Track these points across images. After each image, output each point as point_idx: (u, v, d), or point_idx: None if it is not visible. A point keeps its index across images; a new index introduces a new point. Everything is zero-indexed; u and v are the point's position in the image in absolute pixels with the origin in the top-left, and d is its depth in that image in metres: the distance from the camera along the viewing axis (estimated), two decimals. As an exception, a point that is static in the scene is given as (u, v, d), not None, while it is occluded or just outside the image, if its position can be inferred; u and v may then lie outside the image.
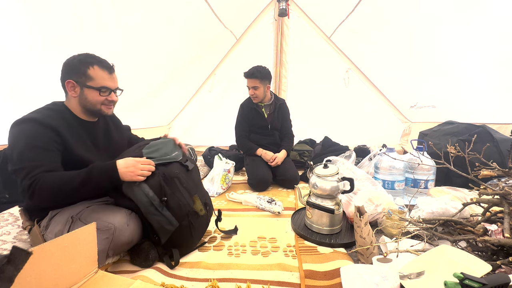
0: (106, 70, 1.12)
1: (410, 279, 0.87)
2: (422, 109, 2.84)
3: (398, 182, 1.78)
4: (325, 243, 1.27)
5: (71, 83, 1.09)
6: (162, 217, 1.08)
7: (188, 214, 1.13)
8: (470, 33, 2.09)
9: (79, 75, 1.08)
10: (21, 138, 1.00)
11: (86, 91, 1.10)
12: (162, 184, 1.09)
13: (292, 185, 2.10)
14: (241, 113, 2.35)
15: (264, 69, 2.17)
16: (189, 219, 1.13)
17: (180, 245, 1.16)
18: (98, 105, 1.13)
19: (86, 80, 1.09)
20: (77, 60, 1.09)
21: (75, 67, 1.09)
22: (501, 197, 1.04)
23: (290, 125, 2.44)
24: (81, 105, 1.13)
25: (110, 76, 1.14)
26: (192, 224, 1.14)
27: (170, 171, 1.14)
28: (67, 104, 1.15)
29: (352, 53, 2.87)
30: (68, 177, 1.00)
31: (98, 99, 1.12)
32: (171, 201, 1.09)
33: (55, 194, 0.99)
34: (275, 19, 2.83)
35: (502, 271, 0.88)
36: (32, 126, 1.01)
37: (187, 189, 1.17)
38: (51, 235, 1.06)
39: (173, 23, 2.22)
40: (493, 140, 1.82)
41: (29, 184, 0.95)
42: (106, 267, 1.09)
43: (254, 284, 0.99)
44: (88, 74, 1.09)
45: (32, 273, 0.69)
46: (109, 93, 1.14)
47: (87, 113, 1.17)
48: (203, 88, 3.20)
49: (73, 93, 1.11)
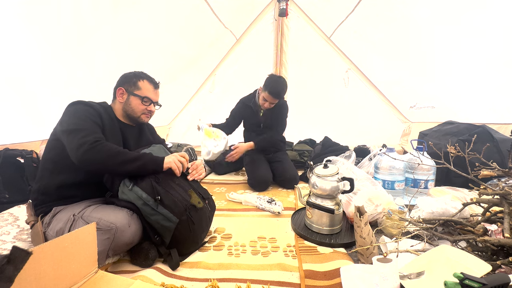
0: (152, 84, 1.32)
1: (410, 279, 0.87)
2: (422, 109, 2.84)
3: (398, 182, 1.78)
4: (325, 243, 1.27)
5: (121, 90, 1.28)
6: (160, 215, 1.09)
7: (186, 209, 1.12)
8: (470, 33, 2.09)
9: (130, 84, 1.28)
10: (78, 111, 1.14)
11: (131, 98, 1.27)
12: (154, 185, 1.11)
13: (291, 185, 2.10)
14: (237, 107, 2.41)
15: (286, 86, 2.17)
16: (188, 214, 1.12)
17: (184, 242, 1.16)
18: (138, 113, 1.29)
19: (134, 89, 1.27)
20: (132, 73, 1.30)
21: (129, 78, 1.29)
22: (501, 197, 1.04)
23: (280, 125, 2.35)
24: (123, 110, 1.29)
25: (154, 90, 1.33)
26: (192, 219, 1.13)
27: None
28: (112, 106, 1.31)
29: (352, 53, 2.87)
30: (125, 150, 1.13)
31: (139, 107, 1.29)
32: (166, 199, 1.10)
33: (109, 158, 1.08)
34: (275, 19, 2.83)
35: (502, 271, 0.88)
36: (86, 107, 1.16)
37: (181, 185, 1.18)
38: (52, 232, 1.07)
39: (173, 23, 2.22)
40: (493, 140, 1.82)
41: (94, 141, 1.06)
42: (106, 267, 1.09)
43: (254, 284, 0.99)
44: (138, 84, 1.28)
45: (32, 273, 0.69)
46: (149, 103, 1.31)
47: (127, 119, 1.32)
48: (203, 88, 3.21)
49: (120, 99, 1.28)
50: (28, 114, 1.82)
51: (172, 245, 1.14)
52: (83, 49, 1.82)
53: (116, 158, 1.08)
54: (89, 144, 1.04)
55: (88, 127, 1.10)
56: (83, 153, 1.04)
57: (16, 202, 1.69)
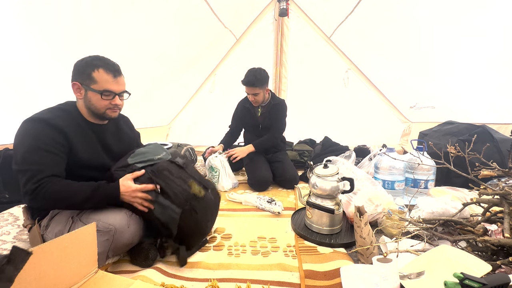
0: (110, 73, 1.10)
1: (410, 279, 0.87)
2: (422, 109, 2.84)
3: (398, 182, 1.78)
4: (325, 243, 1.27)
5: (76, 85, 1.09)
6: (161, 206, 1.08)
7: (187, 199, 1.11)
8: (470, 33, 2.10)
9: (84, 78, 1.08)
10: (27, 137, 1.01)
11: (89, 94, 1.09)
12: (152, 178, 1.10)
13: (291, 185, 2.10)
14: (236, 111, 2.41)
15: (261, 74, 2.09)
16: (190, 204, 1.10)
17: (191, 233, 1.15)
18: (102, 109, 1.12)
19: (90, 83, 1.08)
20: (84, 62, 1.09)
21: (82, 69, 1.08)
22: (501, 197, 1.04)
23: (279, 125, 2.29)
24: (86, 107, 1.12)
25: (114, 80, 1.11)
26: (195, 208, 1.11)
27: (158, 166, 1.15)
28: (77, 105, 1.15)
29: (352, 53, 2.87)
30: (73, 191, 1.01)
31: (101, 103, 1.10)
32: (166, 189, 1.09)
33: (56, 203, 1.03)
34: (275, 19, 2.82)
35: (502, 271, 0.88)
36: (39, 126, 1.01)
37: (180, 178, 1.15)
38: (51, 235, 1.06)
39: (172, 23, 2.22)
40: (493, 140, 1.82)
41: (34, 188, 0.96)
42: (106, 267, 1.09)
43: (254, 284, 0.99)
44: (93, 76, 1.07)
45: (32, 273, 0.69)
46: (112, 97, 1.11)
47: (94, 116, 1.15)
48: (203, 88, 3.20)
49: (78, 95, 1.11)
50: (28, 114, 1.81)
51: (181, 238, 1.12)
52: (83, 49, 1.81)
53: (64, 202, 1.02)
54: (30, 194, 0.96)
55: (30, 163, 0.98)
56: (30, 202, 1.01)
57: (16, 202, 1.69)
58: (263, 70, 2.13)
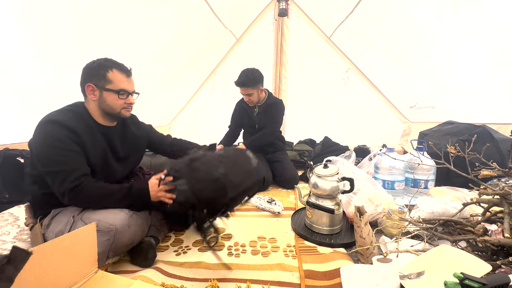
0: (124, 73, 1.14)
1: (410, 279, 0.87)
2: (422, 109, 2.84)
3: (398, 182, 1.78)
4: (325, 243, 1.27)
5: (91, 86, 1.10)
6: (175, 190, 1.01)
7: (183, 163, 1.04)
8: (470, 33, 2.10)
9: (99, 79, 1.10)
10: (47, 139, 1.02)
11: (105, 94, 1.11)
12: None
13: (291, 185, 2.10)
14: (234, 111, 2.43)
15: (254, 74, 2.09)
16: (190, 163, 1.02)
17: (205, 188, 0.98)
18: (118, 108, 1.14)
19: (105, 84, 1.10)
20: (96, 64, 1.11)
21: (95, 70, 1.10)
22: (501, 197, 1.04)
23: (273, 123, 2.24)
24: (100, 108, 1.13)
25: (127, 79, 1.15)
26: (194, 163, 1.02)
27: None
28: (87, 107, 1.15)
29: (352, 53, 2.87)
30: (110, 191, 1.09)
31: (117, 103, 1.13)
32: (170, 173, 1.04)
33: (94, 202, 1.07)
34: (275, 19, 2.83)
35: (502, 271, 0.88)
36: (56, 128, 1.02)
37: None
38: (51, 234, 1.07)
39: (172, 23, 2.22)
40: (493, 140, 1.82)
41: (72, 187, 1.00)
42: (106, 267, 1.09)
43: (254, 284, 0.99)
44: (107, 77, 1.10)
45: (32, 273, 0.69)
46: (127, 96, 1.14)
47: (106, 117, 1.16)
48: (203, 88, 3.20)
49: (92, 97, 1.11)
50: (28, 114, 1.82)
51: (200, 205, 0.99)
52: (83, 49, 1.82)
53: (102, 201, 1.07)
54: (68, 194, 1.00)
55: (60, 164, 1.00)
56: (69, 201, 1.03)
57: (16, 202, 1.69)
58: (256, 70, 2.13)
